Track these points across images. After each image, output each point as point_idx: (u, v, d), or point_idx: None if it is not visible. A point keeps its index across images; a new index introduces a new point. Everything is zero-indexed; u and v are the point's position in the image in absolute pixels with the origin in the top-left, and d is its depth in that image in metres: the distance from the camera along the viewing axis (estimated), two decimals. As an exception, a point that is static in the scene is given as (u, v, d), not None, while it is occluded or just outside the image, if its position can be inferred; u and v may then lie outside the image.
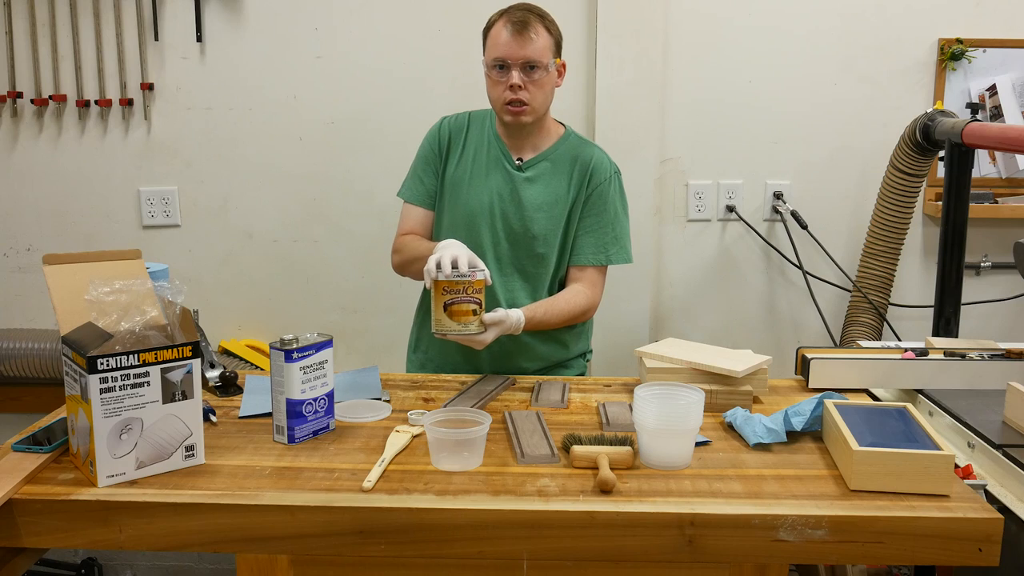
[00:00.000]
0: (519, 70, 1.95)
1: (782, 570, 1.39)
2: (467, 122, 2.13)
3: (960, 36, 2.69)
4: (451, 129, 2.12)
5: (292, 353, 1.58)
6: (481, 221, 2.07)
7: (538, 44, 1.95)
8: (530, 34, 1.94)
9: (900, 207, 2.59)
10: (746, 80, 2.74)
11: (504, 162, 2.08)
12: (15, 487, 1.40)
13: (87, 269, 1.54)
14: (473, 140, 2.11)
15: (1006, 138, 1.99)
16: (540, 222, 2.06)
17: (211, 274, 2.84)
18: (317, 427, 1.64)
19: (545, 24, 1.99)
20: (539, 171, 2.07)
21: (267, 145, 2.77)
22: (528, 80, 1.96)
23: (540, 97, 2.00)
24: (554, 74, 2.02)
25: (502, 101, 1.99)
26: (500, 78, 1.97)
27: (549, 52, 1.98)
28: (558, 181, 2.07)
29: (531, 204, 2.05)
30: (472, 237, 2.05)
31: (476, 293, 1.79)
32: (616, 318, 2.76)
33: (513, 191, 2.06)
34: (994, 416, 1.71)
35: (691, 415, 1.51)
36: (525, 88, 1.96)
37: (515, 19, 1.95)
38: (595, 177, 2.07)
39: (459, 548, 1.37)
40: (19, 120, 2.75)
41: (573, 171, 2.07)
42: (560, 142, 2.10)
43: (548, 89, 2.01)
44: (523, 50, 1.94)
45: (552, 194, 2.07)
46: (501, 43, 1.96)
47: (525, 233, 2.06)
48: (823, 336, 2.79)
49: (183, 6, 2.69)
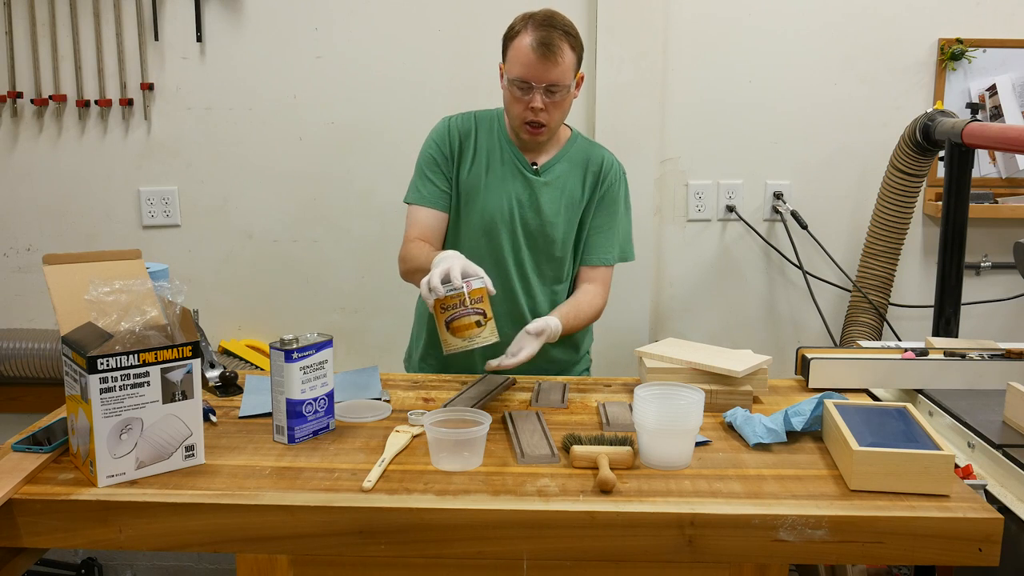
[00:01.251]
0: (542, 93, 1.89)
1: (782, 570, 1.39)
2: (474, 123, 2.06)
3: (960, 36, 2.69)
4: (459, 131, 2.05)
5: (292, 353, 1.58)
6: (501, 227, 2.04)
7: (563, 67, 1.88)
8: (557, 58, 1.86)
9: (900, 207, 2.59)
10: (746, 80, 2.74)
11: (520, 167, 2.04)
12: (15, 487, 1.40)
13: (87, 269, 1.54)
14: (484, 143, 2.05)
15: (1006, 138, 1.99)
16: (559, 226, 2.05)
17: (211, 274, 2.84)
18: (317, 427, 1.64)
19: (570, 42, 1.89)
20: (556, 175, 2.05)
21: (267, 145, 2.77)
22: (550, 102, 1.91)
23: (559, 116, 1.96)
24: (573, 92, 1.97)
25: (521, 119, 1.95)
26: (522, 96, 1.91)
27: (572, 71, 1.91)
28: (573, 184, 2.06)
29: (550, 208, 2.04)
30: (492, 244, 2.04)
31: (476, 303, 1.73)
32: (616, 318, 2.75)
33: (532, 196, 2.04)
34: (994, 416, 1.71)
35: (691, 415, 1.51)
36: (546, 110, 1.92)
37: (541, 38, 1.85)
38: (607, 178, 2.07)
39: (459, 548, 1.37)
40: (19, 120, 2.75)
41: (586, 173, 2.06)
42: (570, 144, 2.08)
43: (567, 107, 1.97)
44: (548, 74, 1.87)
45: (569, 197, 2.06)
46: (526, 63, 1.87)
47: (545, 238, 2.05)
48: (823, 336, 2.79)
49: (183, 6, 2.69)
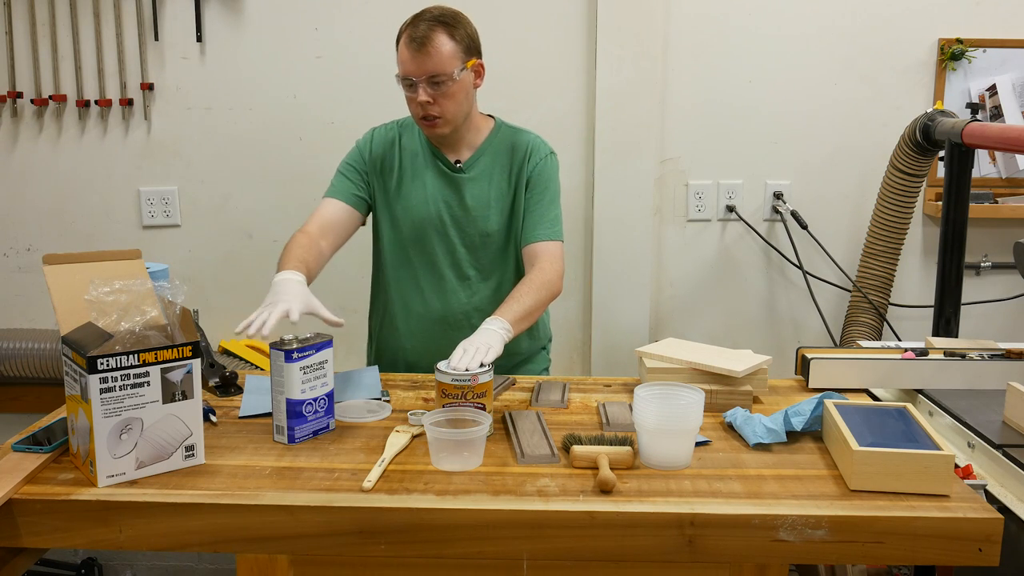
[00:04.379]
0: (425, 84, 1.90)
1: (782, 570, 1.39)
2: (397, 131, 2.09)
3: (960, 36, 2.69)
4: (383, 141, 2.08)
5: (292, 353, 1.58)
6: (430, 232, 2.05)
7: (440, 56, 1.89)
8: (429, 49, 1.88)
9: (900, 207, 2.59)
10: (746, 80, 2.74)
11: (442, 166, 2.05)
12: (15, 487, 1.40)
13: (87, 269, 1.54)
14: (407, 149, 2.07)
15: (1006, 138, 1.99)
16: (491, 219, 2.04)
17: (211, 274, 2.84)
18: (317, 427, 1.64)
19: (449, 32, 1.90)
20: (480, 169, 2.05)
21: (267, 145, 2.77)
22: (436, 93, 1.91)
23: (453, 107, 1.94)
24: (468, 79, 1.95)
25: (417, 116, 1.97)
26: (410, 93, 1.94)
27: (456, 60, 1.91)
28: (499, 174, 2.05)
29: (478, 203, 2.04)
30: (424, 249, 2.05)
31: (478, 398, 1.62)
32: (616, 318, 2.76)
33: (457, 193, 2.04)
34: (994, 416, 1.71)
35: (691, 415, 1.51)
36: (435, 102, 1.92)
37: (412, 33, 1.90)
38: (532, 158, 2.05)
39: (459, 548, 1.37)
40: (19, 120, 2.75)
41: (511, 160, 2.05)
42: (492, 135, 2.07)
43: (461, 97, 1.95)
44: (424, 66, 1.89)
45: (497, 188, 2.05)
46: (403, 59, 1.92)
47: (480, 233, 2.05)
48: (823, 336, 2.79)
49: (183, 6, 2.69)
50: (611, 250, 2.76)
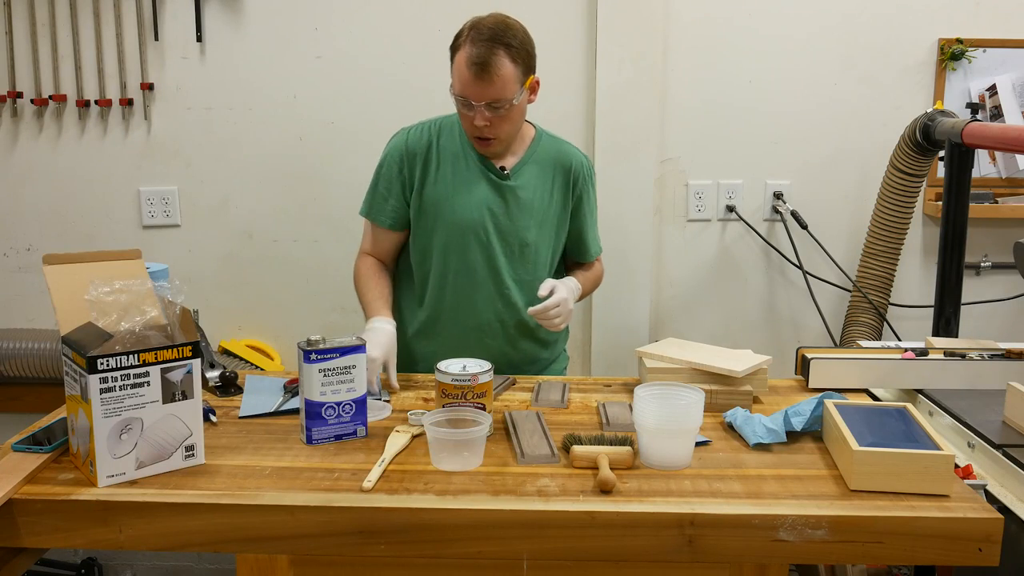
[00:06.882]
0: (484, 108, 1.86)
1: (782, 570, 1.39)
2: (431, 133, 2.02)
3: (960, 36, 2.69)
4: (418, 144, 2.01)
5: (311, 354, 1.57)
6: (471, 237, 2.00)
7: (502, 83, 1.84)
8: (491, 76, 1.83)
9: (900, 207, 2.59)
10: (746, 80, 2.74)
11: (488, 172, 2.00)
12: (15, 487, 1.40)
13: (87, 269, 1.54)
14: (447, 151, 2.01)
15: (1006, 138, 1.99)
16: (532, 230, 2.03)
17: (211, 274, 2.83)
18: (341, 432, 1.62)
19: (510, 54, 1.84)
20: (525, 177, 2.02)
21: (267, 145, 2.77)
22: (494, 116, 1.88)
23: (509, 128, 1.92)
24: (524, 99, 1.92)
25: (471, 133, 1.94)
26: (466, 112, 1.90)
27: (515, 83, 1.86)
28: (544, 185, 2.04)
29: (523, 212, 2.01)
30: (463, 255, 2.01)
31: (478, 398, 1.63)
32: (616, 318, 2.76)
33: (503, 201, 2.01)
34: (994, 416, 1.71)
35: (691, 415, 1.51)
36: (492, 125, 1.89)
37: (476, 55, 1.82)
38: (579, 179, 2.07)
39: (459, 548, 1.37)
40: (19, 120, 2.75)
41: (555, 173, 2.04)
42: (535, 143, 2.05)
43: (518, 118, 1.94)
44: (485, 92, 1.84)
45: (540, 199, 2.03)
46: (464, 81, 1.86)
47: (520, 243, 2.03)
48: (823, 336, 2.79)
49: (183, 6, 2.69)
50: (611, 250, 2.75)
